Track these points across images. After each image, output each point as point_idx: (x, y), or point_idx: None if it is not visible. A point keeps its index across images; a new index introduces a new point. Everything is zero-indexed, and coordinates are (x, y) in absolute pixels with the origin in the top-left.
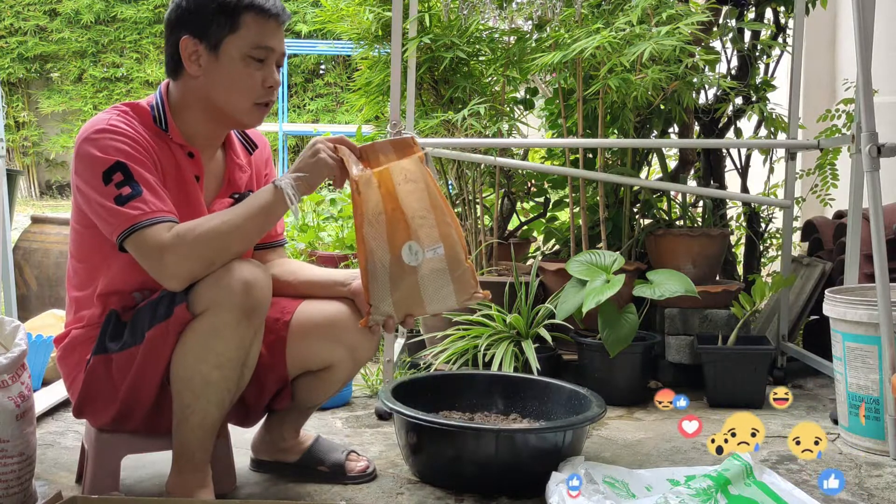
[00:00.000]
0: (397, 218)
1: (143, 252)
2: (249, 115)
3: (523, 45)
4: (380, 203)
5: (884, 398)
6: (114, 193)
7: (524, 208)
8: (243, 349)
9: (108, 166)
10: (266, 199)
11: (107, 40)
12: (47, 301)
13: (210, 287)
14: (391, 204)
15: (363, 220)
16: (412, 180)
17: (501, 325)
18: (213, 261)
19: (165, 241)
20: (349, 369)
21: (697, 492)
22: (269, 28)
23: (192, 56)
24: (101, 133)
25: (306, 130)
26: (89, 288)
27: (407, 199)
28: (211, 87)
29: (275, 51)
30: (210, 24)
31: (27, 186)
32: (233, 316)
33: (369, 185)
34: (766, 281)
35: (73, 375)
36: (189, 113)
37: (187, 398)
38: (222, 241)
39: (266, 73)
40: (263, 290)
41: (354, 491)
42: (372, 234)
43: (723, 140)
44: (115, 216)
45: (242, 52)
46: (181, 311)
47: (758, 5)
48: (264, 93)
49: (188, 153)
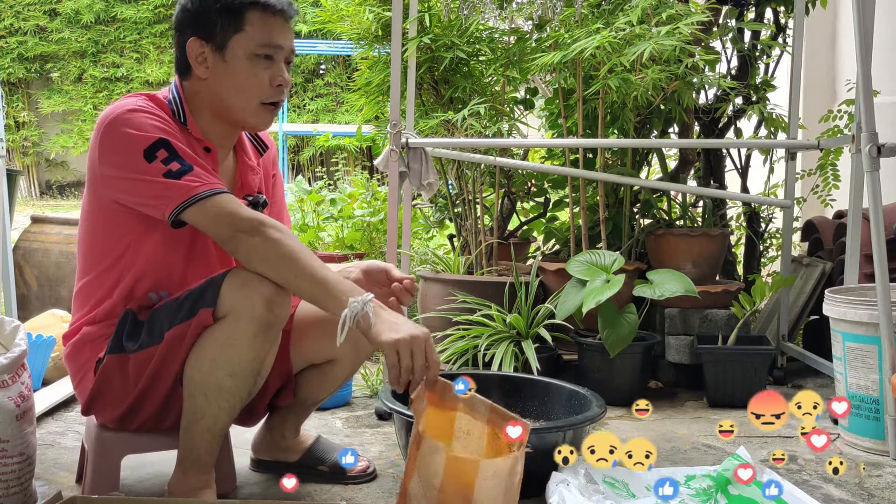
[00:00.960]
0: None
1: (212, 216)
2: (256, 115)
3: (523, 45)
4: (439, 477)
5: (884, 398)
6: (161, 170)
7: (524, 208)
8: (258, 361)
9: (149, 143)
10: (335, 290)
11: (107, 40)
12: (47, 301)
13: (234, 294)
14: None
15: (413, 473)
16: (499, 477)
17: (501, 325)
18: (266, 272)
19: (247, 213)
20: (353, 362)
21: (697, 492)
22: (275, 25)
23: (199, 58)
24: (132, 113)
25: (306, 130)
26: (107, 282)
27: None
28: (218, 88)
29: (282, 48)
30: (215, 25)
31: (27, 186)
32: (251, 328)
33: (434, 452)
34: (766, 281)
35: (83, 373)
36: (200, 113)
37: (199, 402)
38: (284, 267)
39: (274, 71)
40: (284, 307)
41: (354, 491)
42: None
43: (723, 140)
44: (169, 190)
45: (249, 52)
46: (206, 313)
47: (758, 5)
48: (272, 92)
49: (205, 148)
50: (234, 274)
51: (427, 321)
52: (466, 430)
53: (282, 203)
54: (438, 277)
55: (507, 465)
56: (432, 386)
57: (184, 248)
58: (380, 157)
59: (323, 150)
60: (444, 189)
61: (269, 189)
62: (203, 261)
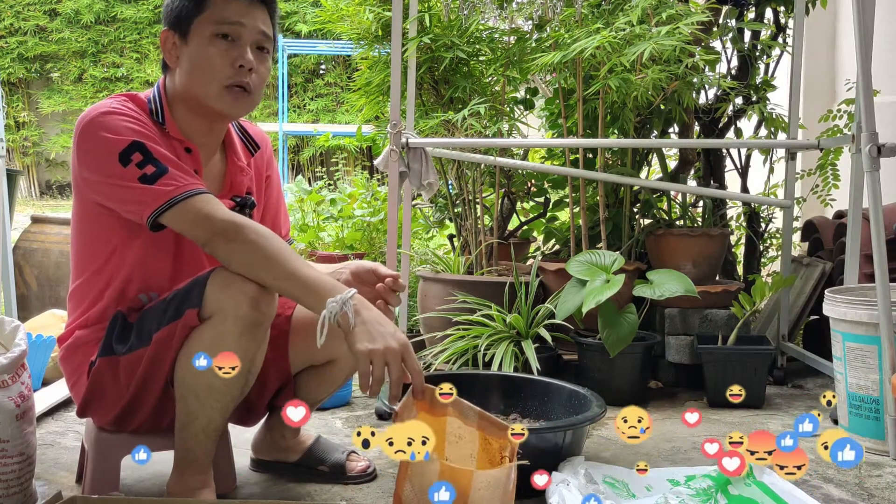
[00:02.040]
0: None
1: (189, 220)
2: (220, 99)
3: (523, 45)
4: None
5: (884, 398)
6: (136, 174)
7: (524, 208)
8: (247, 360)
9: (123, 147)
10: (315, 290)
11: (107, 40)
12: (47, 301)
13: (218, 294)
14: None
15: (405, 482)
16: (493, 487)
17: (501, 325)
18: (248, 272)
19: (224, 215)
20: (352, 362)
21: (697, 492)
22: (237, 4)
23: (171, 48)
24: (107, 115)
25: (306, 130)
26: (97, 284)
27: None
28: (184, 74)
29: (244, 25)
30: (181, 11)
31: (27, 186)
32: (237, 327)
33: (428, 461)
34: (766, 281)
35: (77, 376)
36: (177, 108)
37: (191, 404)
38: (268, 275)
39: (236, 52)
40: (270, 305)
41: (354, 491)
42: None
43: (723, 140)
44: (144, 195)
45: (209, 32)
46: (191, 314)
47: (758, 5)
48: (233, 73)
49: (186, 148)
50: (218, 273)
51: (427, 321)
52: (458, 434)
53: (278, 203)
54: (438, 277)
55: (501, 476)
56: (421, 396)
57: (170, 248)
58: (380, 157)
59: (323, 150)
60: (444, 189)
61: (261, 190)
62: (192, 260)
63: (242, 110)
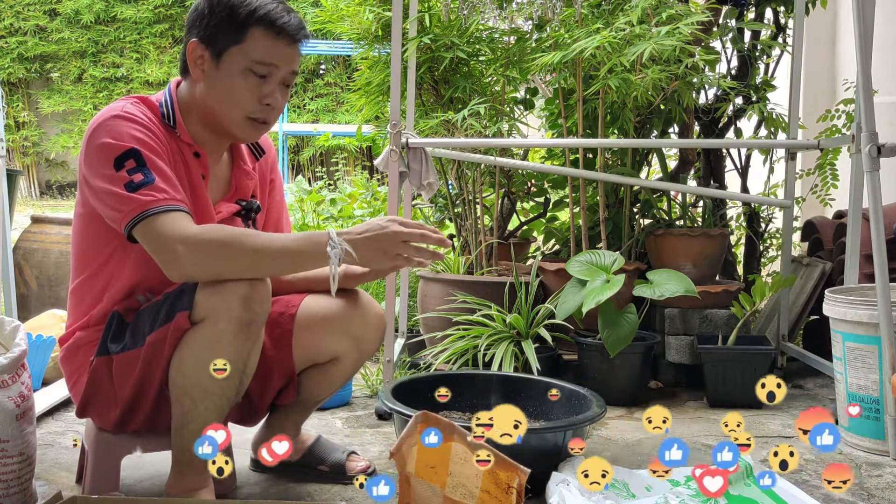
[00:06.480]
0: None
1: (154, 239)
2: (241, 128)
3: (523, 45)
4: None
5: (884, 398)
6: (124, 180)
7: (524, 208)
8: (241, 360)
9: (120, 152)
10: (306, 248)
11: (107, 40)
12: (47, 301)
13: (209, 296)
14: None
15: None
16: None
17: (501, 325)
18: (219, 273)
19: (186, 232)
20: (355, 361)
21: (697, 492)
22: (277, 46)
23: (198, 61)
24: (114, 119)
25: (306, 130)
26: (96, 285)
27: None
28: (208, 94)
29: (278, 68)
30: (218, 31)
31: (27, 186)
32: (230, 327)
33: (431, 494)
34: (766, 281)
35: (76, 377)
36: (191, 115)
37: (186, 405)
38: (239, 262)
39: (266, 89)
40: (262, 303)
41: (354, 491)
42: None
43: (723, 140)
44: (124, 203)
45: (243, 66)
46: (182, 317)
47: (758, 5)
48: (259, 109)
49: (195, 153)
50: None
51: (427, 321)
52: (463, 457)
53: (281, 207)
54: (438, 277)
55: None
56: (439, 242)
57: None
58: (380, 157)
59: (323, 150)
60: (444, 189)
61: (265, 194)
62: None
63: (258, 138)
